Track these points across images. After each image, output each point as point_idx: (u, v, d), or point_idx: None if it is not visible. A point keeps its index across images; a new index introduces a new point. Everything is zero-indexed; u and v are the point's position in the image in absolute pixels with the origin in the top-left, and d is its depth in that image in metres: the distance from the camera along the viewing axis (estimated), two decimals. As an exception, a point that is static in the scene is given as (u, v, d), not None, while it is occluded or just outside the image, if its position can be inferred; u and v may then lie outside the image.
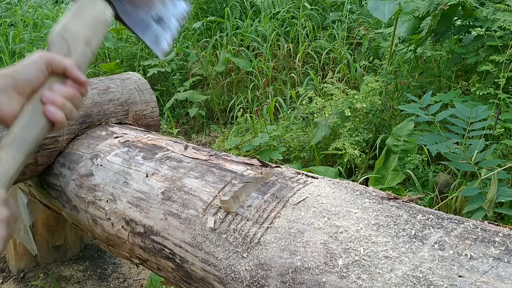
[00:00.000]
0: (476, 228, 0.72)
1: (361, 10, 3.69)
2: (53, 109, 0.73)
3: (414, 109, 1.88)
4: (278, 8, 3.87)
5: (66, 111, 0.75)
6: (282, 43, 3.49)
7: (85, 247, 2.03)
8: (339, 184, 0.92)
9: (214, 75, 3.45)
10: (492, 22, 2.21)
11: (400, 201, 0.84)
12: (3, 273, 1.93)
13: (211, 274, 0.93)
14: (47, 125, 0.74)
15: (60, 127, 0.75)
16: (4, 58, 3.60)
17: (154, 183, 1.15)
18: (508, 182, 1.83)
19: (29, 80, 0.74)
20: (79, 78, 0.77)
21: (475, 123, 1.71)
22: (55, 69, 0.76)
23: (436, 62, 2.79)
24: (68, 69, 0.76)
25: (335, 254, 0.76)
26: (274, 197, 0.93)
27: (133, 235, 1.16)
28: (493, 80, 2.18)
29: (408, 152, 2.08)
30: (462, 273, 0.65)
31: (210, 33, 3.85)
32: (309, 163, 2.44)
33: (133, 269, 1.92)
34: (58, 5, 5.41)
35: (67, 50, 0.79)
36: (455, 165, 1.63)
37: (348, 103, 2.33)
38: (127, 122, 1.65)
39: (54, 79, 0.76)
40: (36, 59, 0.75)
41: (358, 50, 3.40)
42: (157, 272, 1.18)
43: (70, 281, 1.85)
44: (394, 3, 2.28)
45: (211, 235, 0.95)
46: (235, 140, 2.62)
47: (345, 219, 0.81)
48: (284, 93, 3.20)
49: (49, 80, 0.75)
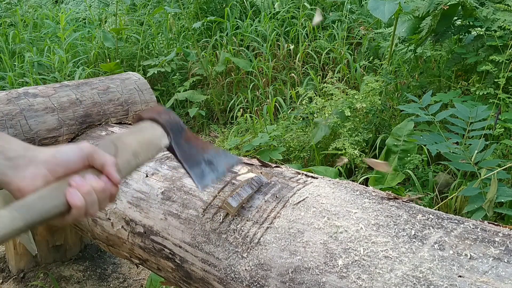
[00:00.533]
0: (476, 228, 0.72)
1: (361, 10, 3.68)
2: (75, 193, 0.70)
3: (414, 109, 1.88)
4: (278, 8, 3.87)
5: (88, 201, 0.71)
6: (282, 43, 3.49)
7: (85, 247, 2.03)
8: (339, 184, 0.92)
9: (214, 75, 3.45)
10: (492, 22, 2.21)
11: (400, 201, 0.83)
12: (3, 273, 1.93)
13: (211, 274, 0.93)
14: (64, 206, 0.70)
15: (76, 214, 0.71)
16: (4, 58, 3.60)
17: (154, 183, 1.15)
18: (508, 182, 1.83)
19: (66, 162, 0.72)
20: (114, 177, 0.75)
21: (475, 123, 1.71)
22: (96, 163, 0.75)
23: (436, 62, 2.79)
24: (108, 165, 0.75)
25: (335, 254, 0.76)
26: (274, 197, 0.93)
27: (133, 235, 1.16)
28: (493, 80, 2.18)
29: (408, 152, 2.08)
30: (462, 273, 0.65)
31: (210, 33, 3.85)
32: (309, 163, 2.44)
33: (133, 269, 1.92)
34: (58, 5, 5.41)
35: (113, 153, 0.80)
36: (455, 165, 1.63)
37: (348, 103, 2.32)
38: (127, 122, 1.65)
39: (90, 171, 0.75)
40: (82, 147, 0.74)
41: (358, 50, 3.40)
42: (157, 272, 1.18)
43: (70, 281, 1.85)
44: (394, 3, 2.28)
45: (211, 235, 0.95)
46: (235, 140, 2.62)
47: (345, 219, 0.81)
48: (284, 93, 3.20)
49: (85, 170, 0.75)
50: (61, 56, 3.44)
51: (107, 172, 0.75)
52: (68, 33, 3.70)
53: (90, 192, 0.71)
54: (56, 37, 3.95)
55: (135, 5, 4.73)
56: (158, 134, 0.88)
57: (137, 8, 4.66)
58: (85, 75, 3.37)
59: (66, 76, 3.39)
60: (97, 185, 0.73)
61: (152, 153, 0.86)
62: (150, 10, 4.15)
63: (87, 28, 4.20)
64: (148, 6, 4.53)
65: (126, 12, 4.54)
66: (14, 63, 3.66)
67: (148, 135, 0.86)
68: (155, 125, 0.88)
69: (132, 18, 4.38)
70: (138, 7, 4.65)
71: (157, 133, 0.88)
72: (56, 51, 3.53)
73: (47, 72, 3.57)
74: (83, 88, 1.60)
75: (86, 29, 4.18)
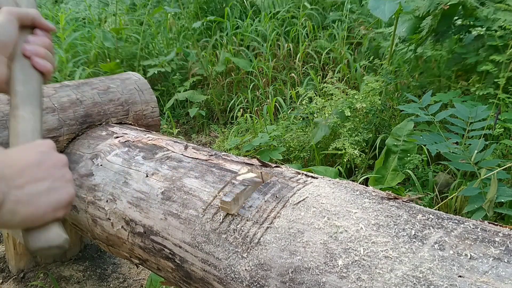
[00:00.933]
0: (476, 228, 0.72)
1: (361, 10, 3.68)
2: (39, 60, 0.76)
3: (414, 109, 1.88)
4: (278, 7, 3.87)
5: (49, 59, 0.78)
6: (282, 43, 3.48)
7: (85, 247, 2.03)
8: (339, 184, 0.92)
9: (214, 75, 3.45)
10: (493, 22, 2.21)
11: (400, 201, 0.83)
12: (3, 273, 1.93)
13: (211, 274, 0.93)
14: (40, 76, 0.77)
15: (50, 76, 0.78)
16: (4, 58, 3.60)
17: (154, 183, 1.15)
18: (508, 182, 1.83)
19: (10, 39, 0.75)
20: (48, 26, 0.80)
21: (474, 123, 1.71)
22: (24, 22, 0.78)
23: (436, 62, 2.79)
24: (36, 18, 0.79)
25: (335, 254, 0.76)
26: (274, 197, 0.93)
27: (133, 235, 1.16)
28: (493, 80, 2.18)
29: (408, 152, 2.08)
30: (462, 273, 0.65)
31: (210, 33, 3.85)
32: (309, 163, 2.44)
33: (133, 269, 1.92)
34: (57, 5, 5.41)
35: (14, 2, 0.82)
36: (455, 165, 1.63)
37: (348, 103, 2.33)
38: (127, 122, 1.65)
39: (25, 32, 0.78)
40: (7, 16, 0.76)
41: (358, 50, 3.40)
42: (157, 272, 1.18)
43: (70, 281, 1.85)
44: (394, 2, 2.28)
45: (211, 235, 0.95)
46: (235, 140, 2.62)
47: (345, 219, 0.81)
48: (284, 93, 3.20)
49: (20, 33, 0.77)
50: (61, 56, 3.44)
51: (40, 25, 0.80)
52: (68, 33, 3.70)
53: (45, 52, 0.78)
54: (56, 37, 3.95)
55: (135, 5, 4.73)
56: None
57: (137, 8, 4.66)
58: (85, 75, 3.37)
59: (66, 76, 3.39)
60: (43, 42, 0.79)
61: None
62: (150, 10, 4.15)
63: (87, 28, 4.20)
64: (148, 6, 4.53)
65: (126, 12, 4.54)
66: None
67: None
68: None
69: (132, 18, 4.38)
70: (138, 7, 4.65)
71: None
72: (56, 51, 3.53)
73: (47, 72, 3.57)
74: (84, 88, 1.59)
75: (86, 29, 4.18)
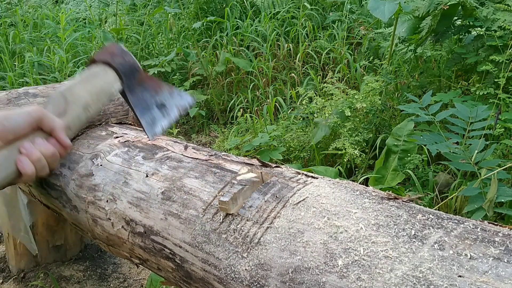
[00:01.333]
0: (476, 228, 0.72)
1: (361, 10, 3.69)
2: (26, 161, 0.73)
3: (414, 109, 1.88)
4: (278, 8, 3.87)
5: (38, 167, 0.74)
6: (282, 43, 3.49)
7: (85, 247, 2.03)
8: (339, 184, 0.92)
9: (214, 75, 3.45)
10: (492, 22, 2.21)
11: (400, 201, 0.83)
12: (3, 273, 1.93)
13: (211, 274, 0.93)
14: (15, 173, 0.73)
15: (27, 179, 0.74)
16: (4, 58, 3.60)
17: (154, 183, 1.15)
18: (508, 182, 1.83)
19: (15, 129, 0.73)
20: (63, 141, 0.78)
21: (475, 123, 1.71)
22: (44, 126, 0.76)
23: (436, 62, 2.79)
24: (56, 130, 0.77)
25: (335, 254, 0.76)
26: (274, 197, 0.93)
27: (133, 235, 1.16)
28: (493, 80, 2.18)
29: (408, 152, 2.08)
30: (462, 273, 0.65)
31: (210, 33, 3.85)
32: (309, 163, 2.44)
33: (133, 269, 1.92)
34: (58, 5, 5.41)
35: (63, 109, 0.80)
36: (455, 165, 1.63)
37: (348, 103, 2.33)
38: (127, 122, 1.65)
39: (39, 134, 0.76)
40: (30, 111, 0.75)
41: (358, 50, 3.40)
42: (157, 272, 1.18)
43: (70, 281, 1.85)
44: (394, 3, 2.28)
45: (211, 235, 0.95)
46: (235, 140, 2.62)
47: (345, 219, 0.81)
48: (284, 93, 3.20)
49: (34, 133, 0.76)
50: (61, 56, 3.44)
51: (56, 136, 0.77)
52: (68, 33, 3.70)
53: (39, 158, 0.74)
54: (56, 37, 3.96)
55: (135, 5, 4.74)
56: (110, 79, 0.85)
57: (137, 8, 4.66)
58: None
59: (66, 76, 3.39)
60: (46, 150, 0.75)
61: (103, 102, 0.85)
62: (150, 10, 4.15)
63: (87, 28, 4.20)
64: (148, 6, 4.53)
65: (126, 12, 4.54)
66: (14, 63, 3.66)
67: (99, 82, 0.84)
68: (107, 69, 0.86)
69: (132, 18, 4.38)
70: (138, 7, 4.66)
71: (109, 79, 0.85)
72: (56, 51, 3.53)
73: (47, 72, 3.57)
74: (83, 88, 1.59)
75: (86, 29, 4.18)
